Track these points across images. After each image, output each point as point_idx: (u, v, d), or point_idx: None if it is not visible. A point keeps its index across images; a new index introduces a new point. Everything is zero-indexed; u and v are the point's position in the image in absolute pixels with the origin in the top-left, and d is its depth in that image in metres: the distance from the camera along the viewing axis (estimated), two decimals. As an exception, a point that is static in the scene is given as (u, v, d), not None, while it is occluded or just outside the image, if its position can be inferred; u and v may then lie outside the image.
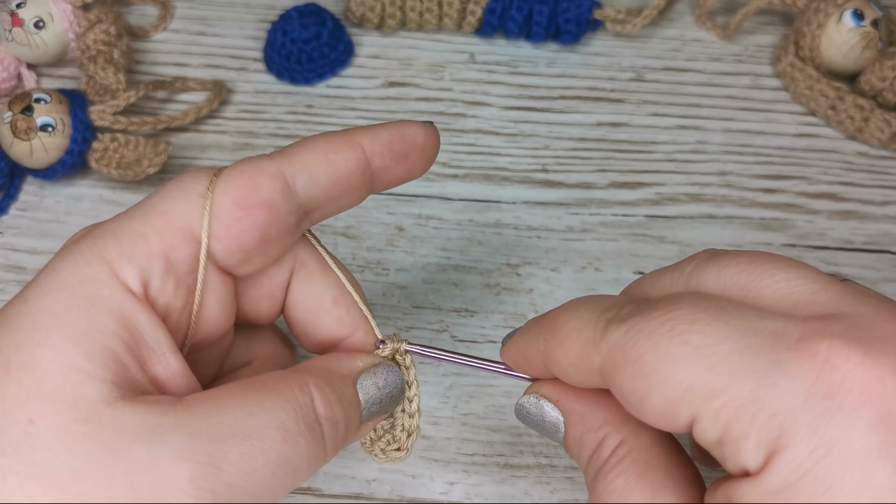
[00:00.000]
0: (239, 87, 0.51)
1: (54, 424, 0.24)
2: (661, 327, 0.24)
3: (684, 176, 0.49)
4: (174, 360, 0.28)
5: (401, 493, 0.39)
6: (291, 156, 0.30)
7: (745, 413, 0.23)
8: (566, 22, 0.51)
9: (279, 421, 0.26)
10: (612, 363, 0.25)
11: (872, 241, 0.47)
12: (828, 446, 0.22)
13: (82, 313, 0.26)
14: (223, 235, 0.28)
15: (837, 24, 0.49)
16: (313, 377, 0.28)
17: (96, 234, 0.28)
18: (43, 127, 0.45)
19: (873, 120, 0.49)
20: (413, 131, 0.31)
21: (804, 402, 0.22)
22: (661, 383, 0.24)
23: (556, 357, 0.28)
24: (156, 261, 0.28)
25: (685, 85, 0.52)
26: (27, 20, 0.48)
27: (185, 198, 0.28)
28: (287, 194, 0.29)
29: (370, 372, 0.30)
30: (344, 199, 0.31)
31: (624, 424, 0.28)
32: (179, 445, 0.25)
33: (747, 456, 0.23)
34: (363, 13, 0.52)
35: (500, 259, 0.46)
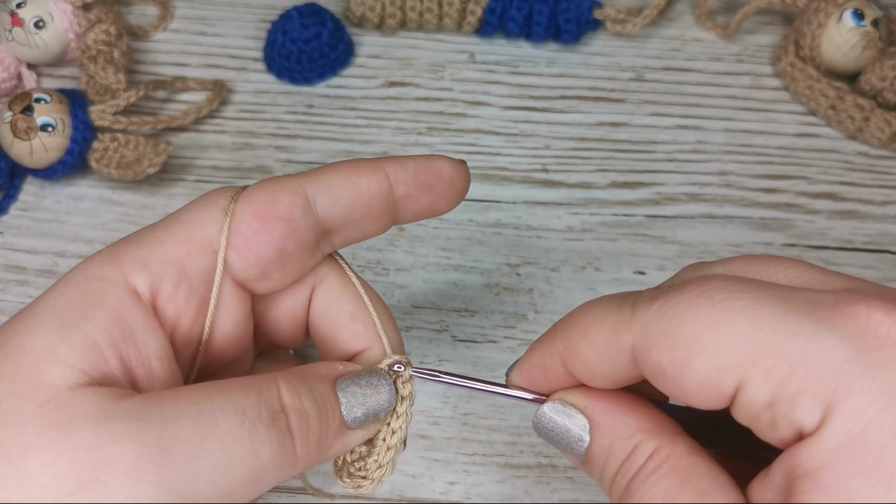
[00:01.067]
0: (239, 86, 0.51)
1: (15, 404, 0.25)
2: (699, 297, 0.24)
3: (684, 176, 0.49)
4: (159, 366, 0.28)
5: (401, 493, 0.39)
6: (315, 175, 0.30)
7: (799, 369, 0.23)
8: (566, 22, 0.51)
9: (237, 404, 0.25)
10: (646, 338, 0.25)
11: (872, 241, 0.47)
12: (889, 392, 0.22)
13: (76, 305, 0.27)
14: (241, 247, 0.29)
15: (837, 24, 0.49)
16: (283, 374, 0.28)
17: (122, 239, 0.29)
18: (43, 127, 0.45)
19: (873, 120, 0.49)
20: (440, 164, 0.31)
21: (856, 353, 0.22)
22: (706, 349, 0.24)
23: (578, 350, 0.27)
24: (170, 267, 0.28)
25: (685, 85, 0.52)
26: (27, 20, 0.48)
27: (208, 210, 0.29)
28: (306, 210, 0.29)
29: (352, 376, 0.29)
30: (365, 224, 0.31)
31: (658, 432, 0.27)
32: (127, 427, 0.24)
33: (804, 412, 0.23)
34: (363, 13, 0.52)
35: (500, 259, 0.46)
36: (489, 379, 0.31)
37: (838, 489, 0.22)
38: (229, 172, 0.48)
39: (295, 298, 0.31)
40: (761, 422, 0.24)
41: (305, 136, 0.50)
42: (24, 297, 0.44)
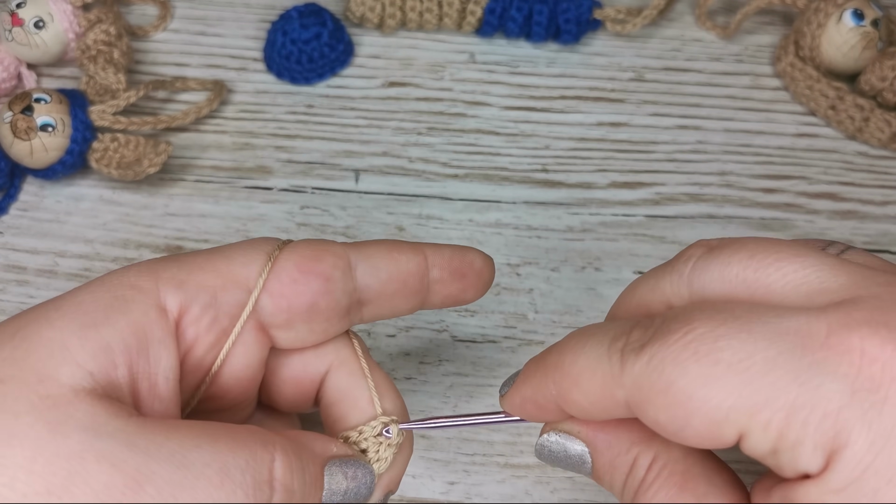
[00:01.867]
0: (239, 87, 0.51)
1: (17, 389, 0.25)
2: (685, 350, 0.24)
3: (684, 176, 0.49)
4: (163, 385, 0.28)
5: (401, 493, 0.39)
6: (359, 245, 0.31)
7: (796, 420, 0.23)
8: (566, 22, 0.51)
9: (223, 464, 0.25)
10: (639, 396, 0.25)
11: (872, 241, 0.47)
12: (885, 437, 0.22)
13: (102, 307, 0.27)
14: (276, 292, 0.29)
15: (837, 24, 0.49)
16: (283, 441, 0.27)
17: (164, 257, 0.30)
18: (43, 127, 0.45)
19: (873, 120, 0.49)
20: (472, 255, 0.33)
21: (852, 398, 0.22)
22: (701, 408, 0.24)
23: (572, 399, 0.27)
24: (202, 292, 0.29)
25: (685, 85, 0.52)
26: (27, 20, 0.48)
27: (253, 252, 0.30)
28: (346, 274, 0.30)
29: (342, 461, 0.29)
30: (397, 301, 0.32)
31: (653, 440, 0.27)
32: (111, 449, 0.24)
33: (807, 460, 0.23)
34: (363, 13, 0.52)
35: (500, 259, 0.46)
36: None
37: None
38: (229, 172, 0.48)
39: (308, 368, 0.32)
40: (767, 463, 0.24)
41: (305, 136, 0.50)
42: (24, 297, 0.44)
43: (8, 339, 0.27)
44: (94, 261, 0.45)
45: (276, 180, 0.48)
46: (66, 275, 0.45)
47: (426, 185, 0.48)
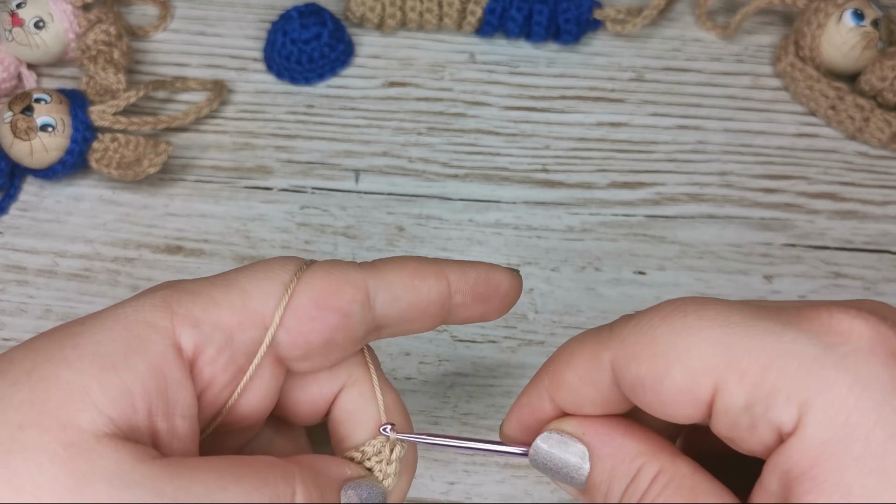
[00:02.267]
0: (239, 87, 0.51)
1: (39, 437, 0.25)
2: (674, 311, 0.25)
3: (684, 176, 0.49)
4: (181, 424, 0.28)
5: (401, 493, 0.39)
6: (380, 272, 0.30)
7: (772, 369, 0.23)
8: (566, 22, 0.51)
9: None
10: (624, 352, 0.26)
11: (872, 241, 0.47)
12: (864, 381, 0.23)
13: (121, 348, 0.27)
14: (293, 329, 0.29)
15: (837, 24, 0.49)
16: (302, 472, 0.28)
17: (177, 286, 0.29)
18: (43, 127, 0.45)
19: (873, 120, 0.49)
20: (499, 277, 0.32)
21: (825, 350, 0.23)
22: (682, 356, 0.25)
23: (562, 378, 0.28)
24: (219, 332, 0.28)
25: (685, 85, 0.52)
26: (27, 20, 0.48)
27: (269, 283, 0.29)
28: (365, 307, 0.30)
29: (356, 483, 0.30)
30: (416, 324, 0.31)
31: (660, 453, 0.27)
32: (140, 498, 0.25)
33: (780, 410, 0.23)
34: (363, 13, 0.52)
35: (500, 259, 0.46)
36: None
37: (835, 485, 0.22)
38: (229, 172, 0.48)
39: (322, 390, 0.32)
40: (740, 427, 0.24)
41: (305, 136, 0.50)
42: (24, 297, 0.44)
43: (24, 378, 0.26)
44: (94, 261, 0.45)
45: (276, 180, 0.48)
46: (66, 275, 0.45)
47: (426, 185, 0.48)
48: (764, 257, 0.46)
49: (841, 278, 0.45)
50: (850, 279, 0.45)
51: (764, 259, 0.46)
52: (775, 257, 0.46)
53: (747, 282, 0.45)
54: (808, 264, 0.46)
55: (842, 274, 0.46)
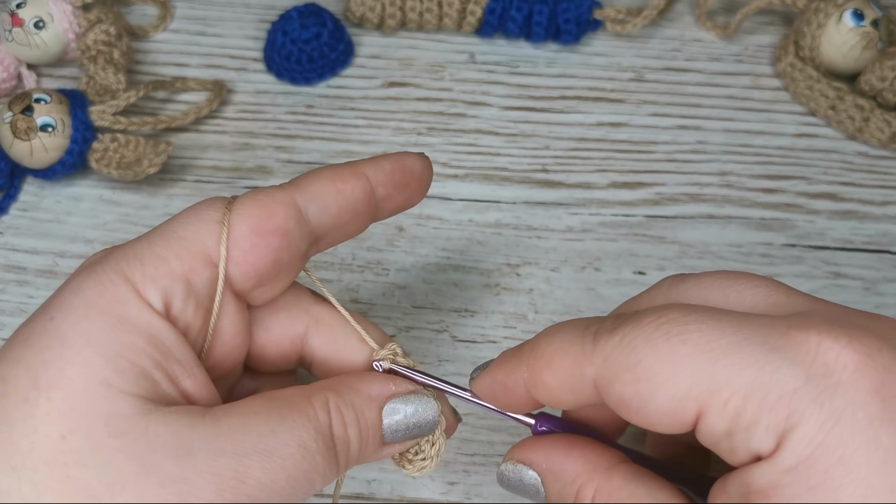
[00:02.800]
0: (239, 87, 0.51)
1: (87, 440, 0.25)
2: (657, 331, 0.25)
3: (684, 176, 0.49)
4: (200, 373, 0.29)
5: (401, 493, 0.39)
6: (302, 185, 0.31)
7: (753, 399, 0.24)
8: (566, 22, 0.51)
9: (300, 440, 0.27)
10: (608, 372, 0.26)
11: (872, 241, 0.47)
12: (836, 417, 0.23)
13: (112, 332, 0.27)
14: (240, 260, 0.30)
15: (837, 24, 0.49)
16: (335, 396, 0.29)
17: (118, 255, 0.29)
18: (43, 127, 0.45)
19: (873, 120, 0.49)
20: (411, 161, 0.33)
21: (807, 382, 0.24)
22: (665, 383, 0.25)
23: (542, 380, 0.28)
24: (178, 283, 0.29)
25: (685, 85, 0.52)
26: (27, 20, 0.48)
27: (203, 224, 0.30)
28: (300, 221, 0.30)
29: (402, 399, 0.31)
30: (350, 227, 0.32)
31: (594, 471, 0.29)
32: (206, 462, 0.26)
33: (759, 440, 0.24)
34: (363, 13, 0.52)
35: (500, 259, 0.46)
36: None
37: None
38: (229, 172, 0.48)
39: (285, 330, 0.32)
40: (721, 448, 0.25)
41: (305, 136, 0.50)
42: (23, 297, 0.44)
43: (34, 393, 0.26)
44: (94, 261, 0.45)
45: (276, 180, 0.48)
46: (66, 275, 0.45)
47: (426, 185, 0.48)
48: (764, 257, 0.46)
49: (841, 278, 0.45)
50: (850, 279, 0.45)
51: (764, 259, 0.46)
52: (775, 257, 0.46)
53: (747, 282, 0.45)
54: (808, 264, 0.46)
55: (842, 274, 0.46)
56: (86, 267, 0.29)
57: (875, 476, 0.23)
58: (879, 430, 0.23)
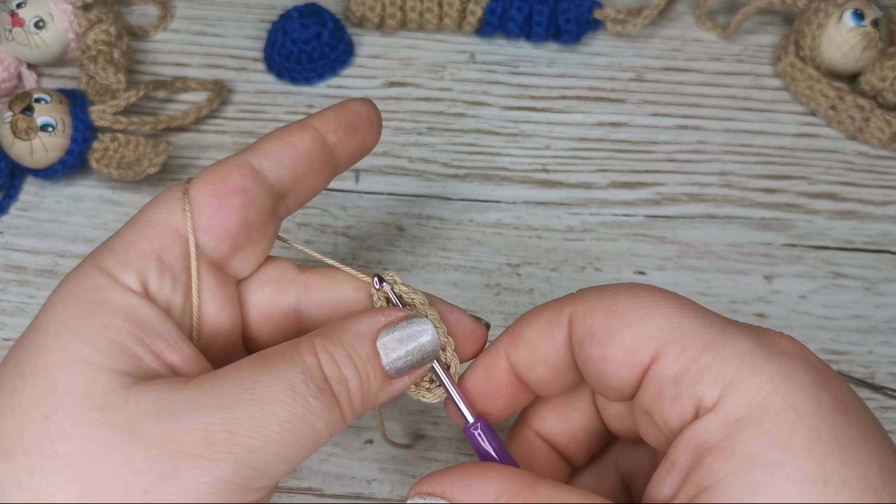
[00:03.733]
0: (239, 87, 0.51)
1: (70, 416, 0.26)
2: (639, 288, 0.29)
3: (684, 176, 0.49)
4: (187, 347, 0.29)
5: (401, 494, 0.39)
6: (253, 147, 0.32)
7: (709, 351, 0.26)
8: (566, 22, 0.51)
9: (287, 383, 0.27)
10: (584, 306, 0.29)
11: (872, 241, 0.47)
12: (783, 374, 0.26)
13: (90, 316, 0.27)
14: (208, 226, 0.30)
15: (837, 24, 0.49)
16: (321, 338, 0.28)
17: (93, 253, 0.30)
18: (43, 127, 0.45)
19: (873, 120, 0.49)
20: (355, 105, 0.34)
21: (757, 346, 0.27)
22: (636, 321, 0.28)
23: (521, 334, 0.30)
24: (149, 261, 0.29)
25: (685, 85, 0.52)
26: (27, 20, 0.48)
27: (165, 204, 0.30)
28: (257, 178, 0.31)
29: (392, 327, 0.30)
30: (312, 179, 0.33)
31: (518, 486, 0.28)
32: (192, 419, 0.26)
33: (705, 387, 0.26)
34: (363, 13, 0.52)
35: (500, 259, 0.46)
36: None
37: (741, 454, 0.25)
38: (229, 172, 0.48)
39: (277, 307, 0.33)
40: (664, 396, 0.27)
41: (305, 136, 0.50)
42: (23, 297, 0.44)
43: (20, 380, 0.26)
44: (94, 261, 0.45)
45: (276, 180, 0.48)
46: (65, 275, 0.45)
47: (426, 185, 0.48)
48: (764, 257, 0.46)
49: (841, 278, 0.45)
50: (850, 279, 0.45)
51: (764, 259, 0.46)
52: (775, 257, 0.46)
53: (747, 282, 0.45)
54: (808, 264, 0.46)
55: (842, 274, 0.46)
56: (69, 272, 0.30)
57: (822, 424, 0.25)
58: (819, 391, 0.26)
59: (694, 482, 0.25)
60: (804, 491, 0.24)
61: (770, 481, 0.24)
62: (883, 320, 0.44)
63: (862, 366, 0.43)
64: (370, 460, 0.40)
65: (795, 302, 0.45)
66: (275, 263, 0.33)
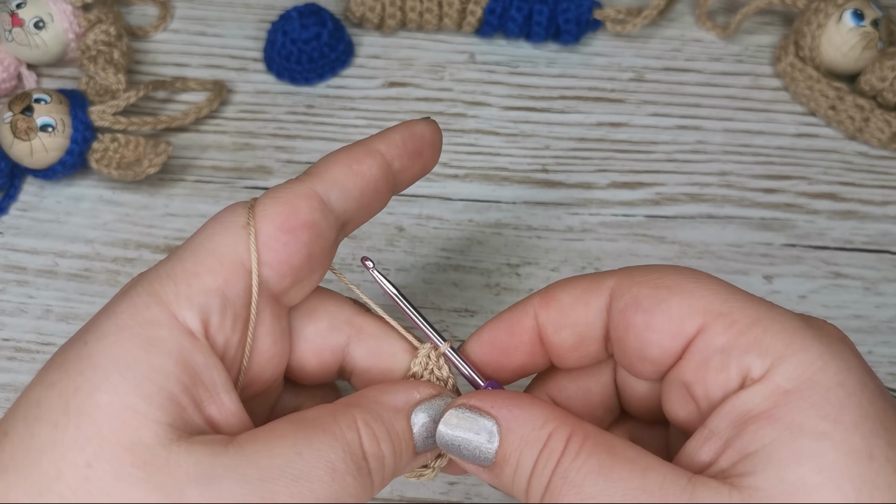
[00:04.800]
0: (239, 87, 0.51)
1: (111, 468, 0.25)
2: (686, 268, 0.29)
3: (684, 176, 0.49)
4: (228, 399, 0.28)
5: (401, 493, 0.39)
6: (320, 174, 0.30)
7: (759, 325, 0.27)
8: (566, 22, 0.51)
9: (328, 461, 0.27)
10: (629, 279, 0.29)
11: (872, 241, 0.47)
12: (832, 353, 0.26)
13: (142, 355, 0.27)
14: (273, 261, 0.29)
15: (837, 24, 0.49)
16: (361, 412, 0.28)
17: (151, 276, 0.28)
18: (43, 127, 0.45)
19: (873, 120, 0.49)
20: (421, 129, 0.32)
21: (806, 326, 0.27)
22: (685, 294, 0.28)
23: (555, 297, 0.30)
24: (213, 298, 0.28)
25: (685, 85, 0.52)
26: (27, 20, 0.48)
27: (229, 232, 0.29)
28: (325, 211, 0.30)
29: (428, 404, 0.30)
30: (374, 206, 0.32)
31: (567, 417, 0.28)
32: (231, 489, 0.25)
33: (754, 358, 0.26)
34: (363, 13, 0.52)
35: (500, 259, 0.46)
36: None
37: (789, 423, 0.25)
38: (229, 173, 0.48)
39: (324, 339, 0.32)
40: (709, 366, 0.27)
41: (305, 136, 0.50)
42: (23, 297, 0.44)
43: (64, 418, 0.26)
44: (94, 261, 0.45)
45: (276, 180, 0.48)
46: (66, 275, 0.45)
47: (426, 185, 0.48)
48: (764, 257, 0.46)
49: (841, 278, 0.45)
50: (850, 279, 0.45)
51: (764, 259, 0.46)
52: (775, 257, 0.46)
53: (747, 282, 0.45)
54: (808, 264, 0.46)
55: (842, 274, 0.46)
56: (122, 290, 0.29)
57: (869, 405, 0.25)
58: (863, 375, 0.26)
59: (736, 448, 0.26)
60: (850, 463, 0.24)
61: (818, 450, 0.24)
62: (883, 320, 0.44)
63: (862, 366, 0.43)
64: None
65: (795, 302, 0.45)
66: (333, 300, 0.32)
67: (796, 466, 0.24)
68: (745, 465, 0.25)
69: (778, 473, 0.24)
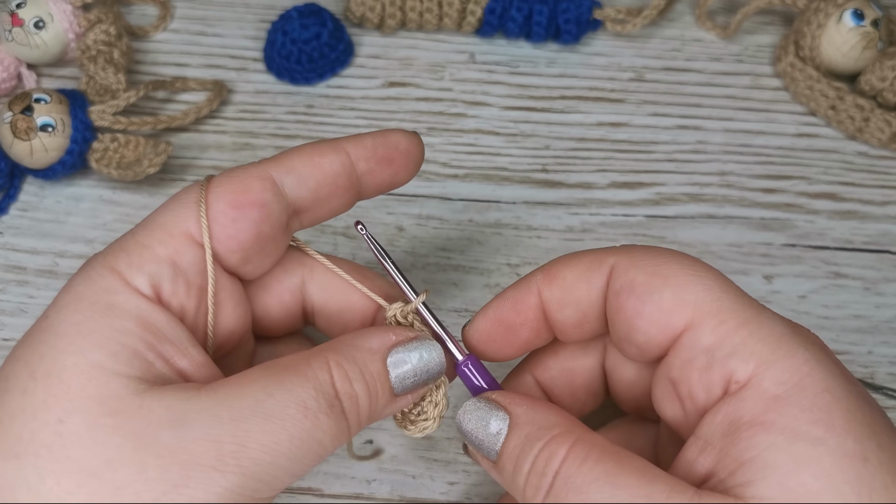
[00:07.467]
0: (239, 87, 0.51)
1: (83, 421, 0.26)
2: (688, 256, 0.29)
3: (684, 176, 0.49)
4: (197, 353, 0.29)
5: (401, 493, 0.39)
6: (279, 160, 0.31)
7: (746, 328, 0.27)
8: (566, 22, 0.51)
9: (299, 399, 0.27)
10: (630, 259, 0.29)
11: (872, 241, 0.47)
12: (817, 359, 0.27)
13: (102, 319, 0.27)
14: (221, 236, 0.30)
15: (837, 24, 0.49)
16: (334, 354, 0.29)
17: (106, 251, 0.29)
18: (43, 127, 0.45)
19: (873, 120, 0.49)
20: (396, 137, 0.33)
21: (791, 332, 0.27)
22: (678, 286, 0.28)
23: (558, 274, 0.30)
24: (163, 266, 0.29)
25: (685, 85, 0.52)
26: (27, 20, 0.48)
27: (182, 207, 0.30)
28: (277, 194, 0.31)
29: (404, 346, 0.30)
30: (333, 202, 0.32)
31: (575, 426, 0.28)
32: (204, 430, 0.26)
33: (739, 362, 0.27)
34: (363, 13, 0.52)
35: (500, 259, 0.46)
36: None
37: (783, 428, 0.25)
38: (229, 172, 0.48)
39: (283, 285, 0.33)
40: (694, 366, 0.27)
41: (305, 136, 0.50)
42: (23, 297, 0.44)
43: (31, 382, 0.26)
44: (94, 261, 0.45)
45: (276, 180, 0.48)
46: (66, 275, 0.45)
47: (426, 185, 0.48)
48: (764, 257, 0.46)
49: (841, 278, 0.45)
50: (850, 279, 0.45)
51: (764, 259, 0.46)
52: (775, 257, 0.46)
53: (747, 282, 0.45)
54: (808, 264, 0.46)
55: (842, 274, 0.46)
56: (79, 269, 0.30)
57: (856, 409, 0.26)
58: (847, 381, 0.27)
59: (731, 456, 0.26)
60: (847, 466, 0.25)
61: (814, 455, 0.25)
62: (883, 320, 0.44)
63: (862, 366, 0.43)
64: (370, 460, 0.40)
65: (795, 302, 0.45)
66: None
67: (796, 473, 0.25)
68: (743, 473, 0.25)
69: (779, 481, 0.25)
